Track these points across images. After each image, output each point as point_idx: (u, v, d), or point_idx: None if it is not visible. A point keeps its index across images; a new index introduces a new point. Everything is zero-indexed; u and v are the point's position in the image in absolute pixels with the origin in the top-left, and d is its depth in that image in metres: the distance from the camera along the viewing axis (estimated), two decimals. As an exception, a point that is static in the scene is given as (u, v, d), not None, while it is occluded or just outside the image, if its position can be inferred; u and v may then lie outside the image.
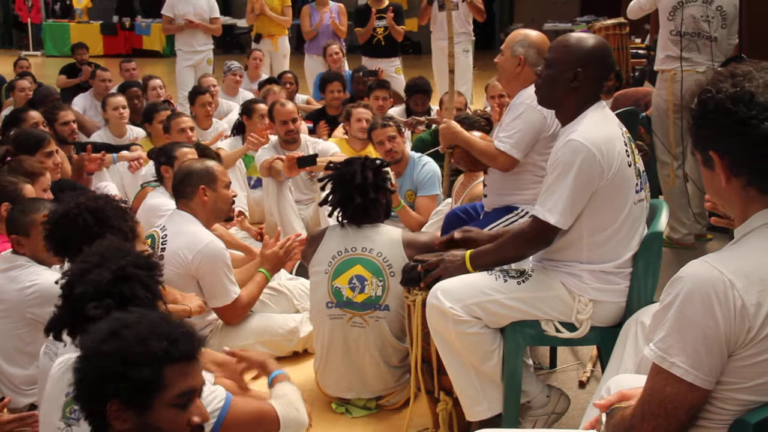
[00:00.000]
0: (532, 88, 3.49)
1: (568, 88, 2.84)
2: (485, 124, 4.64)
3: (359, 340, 3.35)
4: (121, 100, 6.49)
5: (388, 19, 8.14)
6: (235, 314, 3.75)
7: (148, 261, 2.30)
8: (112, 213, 2.76)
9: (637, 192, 2.80)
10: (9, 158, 4.20)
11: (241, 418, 2.28)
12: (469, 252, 2.92)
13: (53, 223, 2.81)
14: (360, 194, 3.39)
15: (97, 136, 6.47)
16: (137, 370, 1.76)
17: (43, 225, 2.88)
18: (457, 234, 3.10)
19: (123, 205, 2.91)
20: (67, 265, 2.78)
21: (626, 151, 2.77)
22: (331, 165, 3.59)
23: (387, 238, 3.38)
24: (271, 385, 2.67)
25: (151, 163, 5.07)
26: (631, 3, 5.46)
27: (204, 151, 4.74)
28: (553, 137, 3.45)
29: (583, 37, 2.95)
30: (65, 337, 2.26)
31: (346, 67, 8.52)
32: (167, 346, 1.79)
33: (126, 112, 6.44)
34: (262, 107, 6.03)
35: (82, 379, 1.81)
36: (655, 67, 5.28)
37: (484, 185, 3.77)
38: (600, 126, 2.77)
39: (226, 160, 4.94)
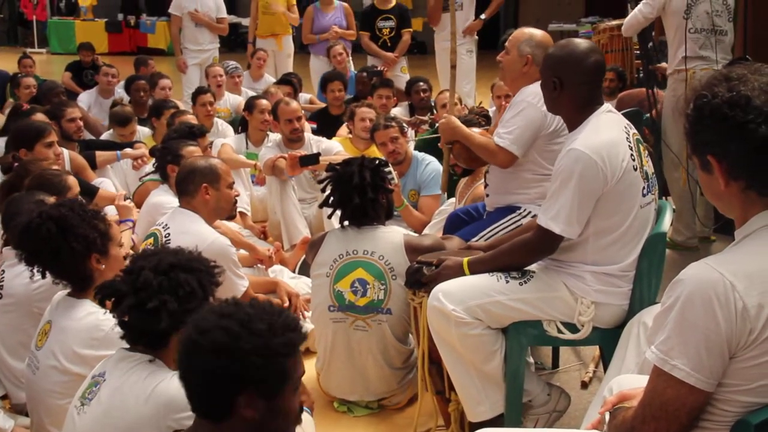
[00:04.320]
0: (533, 86, 3.50)
1: (553, 96, 2.85)
2: (484, 123, 4.64)
3: (362, 343, 3.35)
4: (129, 128, 6.28)
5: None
6: None
7: (214, 270, 2.39)
8: (76, 221, 2.73)
9: (644, 195, 2.78)
10: (16, 164, 4.22)
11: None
12: (466, 259, 2.91)
13: (18, 235, 2.78)
14: (359, 194, 3.38)
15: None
16: (276, 363, 1.78)
17: (10, 237, 2.84)
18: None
19: (93, 208, 2.86)
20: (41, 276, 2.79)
21: (631, 155, 2.74)
22: (330, 166, 3.59)
23: (389, 241, 3.37)
24: None
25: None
26: (626, 21, 5.34)
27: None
28: (553, 135, 3.45)
29: (561, 43, 2.96)
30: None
31: (352, 68, 8.50)
32: (294, 338, 1.82)
33: (132, 137, 6.27)
34: (263, 103, 6.06)
35: (215, 373, 1.77)
36: (669, 70, 5.17)
37: (486, 185, 3.76)
38: (602, 132, 2.74)
39: (229, 163, 4.93)
